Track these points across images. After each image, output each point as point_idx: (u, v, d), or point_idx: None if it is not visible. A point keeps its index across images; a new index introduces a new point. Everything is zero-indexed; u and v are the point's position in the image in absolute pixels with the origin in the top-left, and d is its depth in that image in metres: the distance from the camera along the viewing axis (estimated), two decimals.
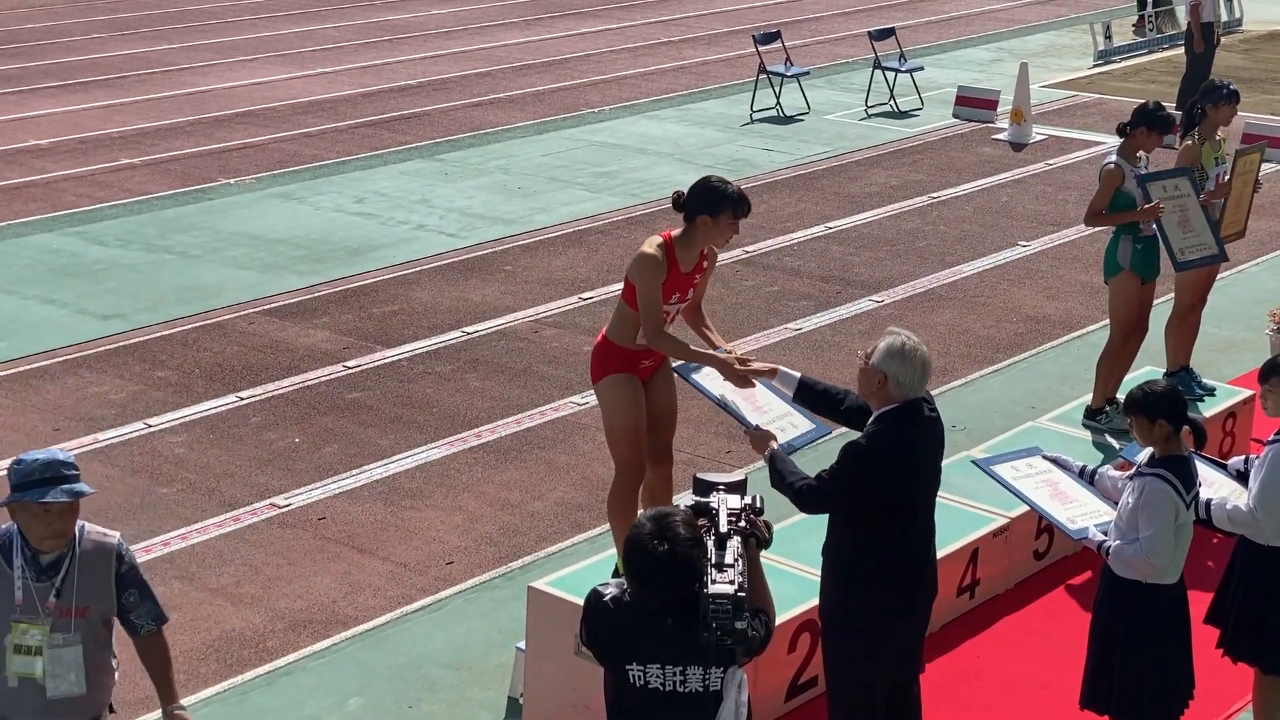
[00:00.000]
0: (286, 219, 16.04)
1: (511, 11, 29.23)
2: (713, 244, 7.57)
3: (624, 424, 7.62)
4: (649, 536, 4.89)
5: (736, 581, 4.78)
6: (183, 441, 10.87)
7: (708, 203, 7.44)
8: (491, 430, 11.09)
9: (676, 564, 4.86)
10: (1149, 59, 25.14)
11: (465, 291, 13.93)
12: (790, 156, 18.72)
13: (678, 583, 4.87)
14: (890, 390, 6.23)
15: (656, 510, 5.00)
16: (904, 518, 6.30)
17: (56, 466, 5.46)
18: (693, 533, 4.91)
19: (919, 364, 6.22)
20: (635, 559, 4.92)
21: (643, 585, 4.94)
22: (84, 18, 28.56)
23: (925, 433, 6.28)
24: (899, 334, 6.28)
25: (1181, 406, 6.61)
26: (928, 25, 27.80)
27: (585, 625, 5.12)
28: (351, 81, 22.90)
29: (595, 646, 5.10)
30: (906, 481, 6.23)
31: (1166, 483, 6.44)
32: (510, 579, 9.09)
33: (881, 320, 13.24)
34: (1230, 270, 13.86)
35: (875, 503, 6.22)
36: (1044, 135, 19.62)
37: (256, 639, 8.48)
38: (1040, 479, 6.93)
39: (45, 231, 15.62)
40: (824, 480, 6.30)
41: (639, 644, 4.97)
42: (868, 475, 6.17)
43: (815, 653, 7.66)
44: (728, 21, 28.07)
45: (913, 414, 6.24)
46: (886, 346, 6.23)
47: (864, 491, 6.20)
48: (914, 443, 6.23)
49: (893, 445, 6.19)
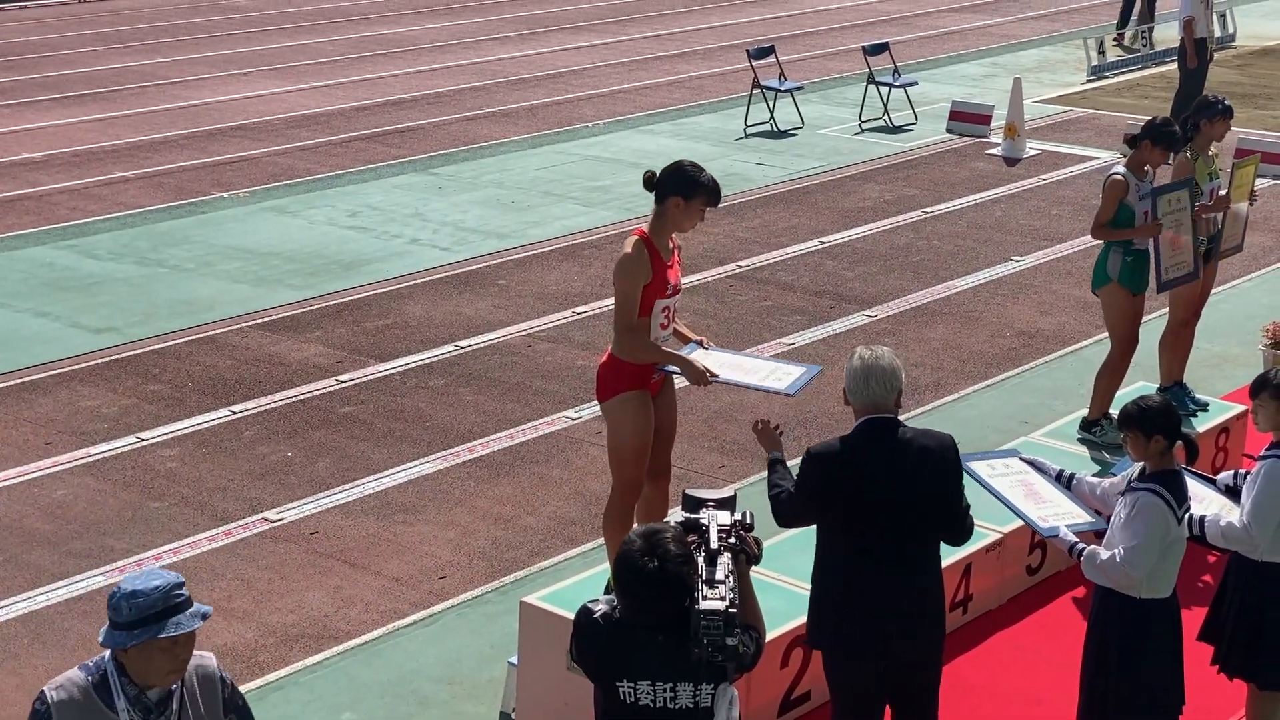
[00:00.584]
0: (280, 232, 16.03)
1: (505, 25, 29.26)
2: (680, 229, 7.60)
3: (635, 442, 7.66)
4: (639, 553, 4.88)
5: (728, 598, 4.77)
6: (175, 455, 10.85)
7: (681, 186, 7.51)
8: (484, 445, 11.08)
9: (667, 580, 4.85)
10: (1142, 74, 25.18)
11: (458, 305, 13.93)
12: (784, 171, 18.73)
13: (668, 599, 4.86)
14: (852, 404, 6.27)
15: (647, 527, 4.99)
16: (858, 537, 6.21)
17: (172, 590, 4.70)
18: (683, 549, 4.90)
19: (862, 374, 6.18)
20: (626, 576, 4.91)
21: (633, 601, 4.93)
22: (78, 31, 28.56)
23: (886, 450, 6.17)
24: (857, 350, 6.31)
25: (1176, 422, 6.61)
26: (921, 40, 27.85)
27: (575, 642, 5.11)
28: (345, 95, 22.91)
29: (585, 663, 5.10)
30: (854, 495, 6.15)
31: (1159, 497, 6.45)
32: (503, 593, 9.08)
33: (875, 335, 13.24)
34: (1223, 285, 13.87)
35: (829, 515, 6.23)
36: (1037, 150, 19.65)
37: (248, 653, 8.46)
38: (1016, 479, 6.91)
39: (38, 244, 15.61)
40: (790, 491, 6.34)
41: (629, 661, 4.96)
42: (814, 483, 6.20)
43: (808, 668, 7.65)
44: (721, 36, 28.10)
45: (872, 428, 6.20)
46: (847, 364, 6.30)
47: (817, 500, 6.22)
48: (864, 455, 6.15)
49: (839, 454, 6.19)
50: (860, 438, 6.21)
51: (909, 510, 6.20)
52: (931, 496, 6.24)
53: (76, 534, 9.73)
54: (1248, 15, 30.07)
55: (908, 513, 6.20)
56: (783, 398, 8.56)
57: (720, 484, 10.43)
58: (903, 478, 6.17)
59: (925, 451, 6.22)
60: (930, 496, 6.24)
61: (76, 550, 9.52)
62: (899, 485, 6.17)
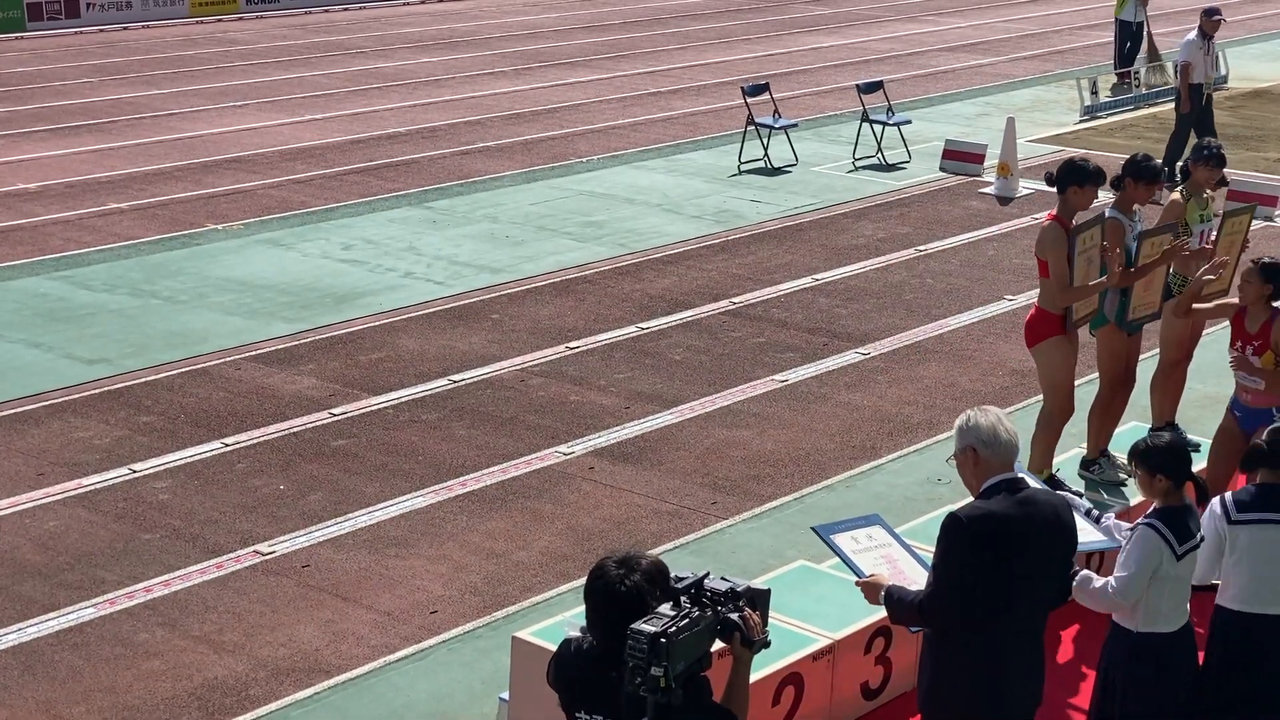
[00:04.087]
0: (274, 265, 16.04)
1: (501, 61, 29.34)
2: (1080, 209, 9.65)
3: (1065, 378, 9.79)
4: (612, 564, 4.93)
5: (666, 629, 4.66)
6: (167, 487, 10.84)
7: (1076, 176, 9.58)
8: (477, 479, 11.08)
9: (620, 593, 4.84)
10: (1135, 115, 25.27)
11: (452, 340, 13.94)
12: (777, 208, 18.77)
13: (619, 614, 4.82)
14: (985, 464, 5.93)
15: (626, 551, 5.01)
16: (1009, 611, 5.83)
17: None
18: (653, 570, 4.90)
19: (991, 428, 5.90)
20: (590, 584, 4.96)
21: (591, 613, 4.96)
22: (74, 62, 28.61)
23: (1025, 511, 5.86)
24: (967, 414, 6.02)
25: (1185, 462, 6.67)
26: (915, 79, 27.95)
27: (550, 670, 5.16)
28: (340, 128, 22.96)
29: (557, 691, 5.12)
30: (1006, 562, 5.76)
31: (1156, 531, 6.55)
32: (494, 629, 9.07)
33: (868, 373, 13.26)
34: (1215, 326, 13.87)
35: (982, 588, 5.77)
36: (1031, 189, 19.70)
37: (239, 687, 8.44)
38: (879, 553, 6.51)
39: (32, 275, 15.61)
40: (937, 577, 5.86)
41: (588, 691, 4.98)
42: (966, 555, 5.77)
43: (799, 706, 7.65)
44: (716, 73, 28.19)
45: (1010, 486, 5.89)
46: (957, 427, 6.00)
47: (971, 572, 5.76)
48: (1013, 518, 5.81)
49: (995, 516, 5.79)
50: (1000, 497, 5.86)
51: (1052, 572, 5.98)
52: (1065, 560, 6.02)
53: (68, 565, 9.71)
54: (1239, 57, 30.20)
55: (1048, 577, 5.96)
56: None
57: (714, 521, 10.44)
58: (1040, 538, 5.87)
59: (1055, 510, 5.99)
60: (1065, 561, 6.02)
61: (68, 581, 9.50)
62: (1038, 546, 5.87)
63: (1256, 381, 9.16)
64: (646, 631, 4.64)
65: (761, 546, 10.02)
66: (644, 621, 4.69)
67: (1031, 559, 5.83)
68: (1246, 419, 9.24)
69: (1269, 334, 9.07)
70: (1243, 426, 9.24)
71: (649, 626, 4.66)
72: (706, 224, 17.92)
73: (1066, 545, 6.02)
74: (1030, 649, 5.97)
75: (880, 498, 10.68)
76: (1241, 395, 9.30)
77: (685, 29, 33.69)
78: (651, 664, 4.62)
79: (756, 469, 11.21)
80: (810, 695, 7.70)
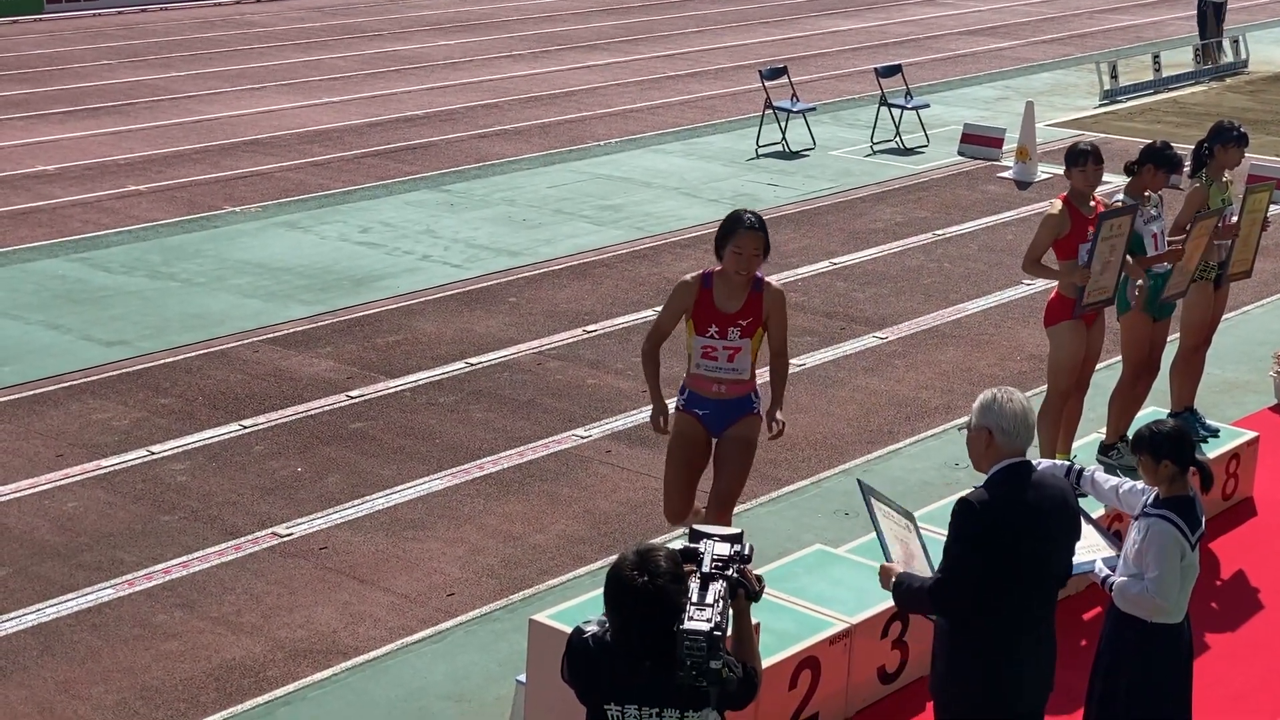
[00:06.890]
0: (291, 248, 16.06)
1: (518, 44, 29.33)
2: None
3: (1066, 363, 9.79)
4: (629, 568, 4.89)
5: (714, 620, 4.76)
6: (185, 469, 10.86)
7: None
8: (494, 462, 11.09)
9: (653, 596, 4.84)
10: (1155, 99, 25.20)
11: (469, 323, 13.94)
12: (795, 192, 18.75)
13: (654, 616, 4.85)
14: (997, 448, 5.89)
15: (641, 545, 5.00)
16: (1021, 596, 5.85)
17: None
18: (673, 567, 4.90)
19: (1023, 415, 5.87)
20: (613, 590, 4.92)
21: (619, 617, 4.93)
22: (93, 44, 28.66)
23: (1031, 495, 5.85)
24: (991, 394, 5.97)
25: (1188, 447, 6.62)
26: (934, 63, 27.88)
27: (566, 662, 5.12)
28: (358, 111, 22.96)
29: (575, 684, 5.10)
30: (1016, 545, 5.76)
31: (1171, 524, 6.48)
32: (511, 611, 9.08)
33: (885, 357, 13.25)
34: (1234, 312, 13.87)
35: (993, 572, 5.76)
36: (1049, 174, 19.64)
37: (256, 668, 8.46)
38: (901, 542, 6.42)
39: (51, 257, 15.64)
40: (950, 558, 5.84)
41: (617, 684, 4.96)
42: (976, 534, 5.77)
43: (816, 690, 7.65)
44: (734, 57, 28.15)
45: (1016, 472, 5.87)
46: (980, 404, 5.97)
47: (981, 555, 5.75)
48: (1019, 501, 5.81)
49: (1001, 499, 5.79)
50: (1010, 483, 5.84)
51: (1059, 557, 5.98)
52: (1070, 545, 6.01)
53: (86, 546, 9.74)
54: (1260, 41, 30.10)
55: (1057, 561, 5.96)
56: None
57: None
58: (1049, 523, 5.87)
59: (1063, 493, 6.00)
60: (1069, 545, 6.01)
61: (86, 562, 9.53)
62: (1047, 531, 5.87)
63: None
64: (702, 630, 4.72)
65: (779, 530, 10.01)
66: (690, 619, 4.76)
67: (1041, 543, 5.84)
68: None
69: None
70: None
71: (700, 624, 4.74)
72: (724, 207, 17.80)
73: (1073, 529, 6.03)
74: (1042, 634, 5.97)
75: (898, 482, 10.67)
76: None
77: (703, 12, 33.64)
78: (711, 659, 4.71)
79: (773, 452, 11.19)
80: (827, 679, 7.70)
